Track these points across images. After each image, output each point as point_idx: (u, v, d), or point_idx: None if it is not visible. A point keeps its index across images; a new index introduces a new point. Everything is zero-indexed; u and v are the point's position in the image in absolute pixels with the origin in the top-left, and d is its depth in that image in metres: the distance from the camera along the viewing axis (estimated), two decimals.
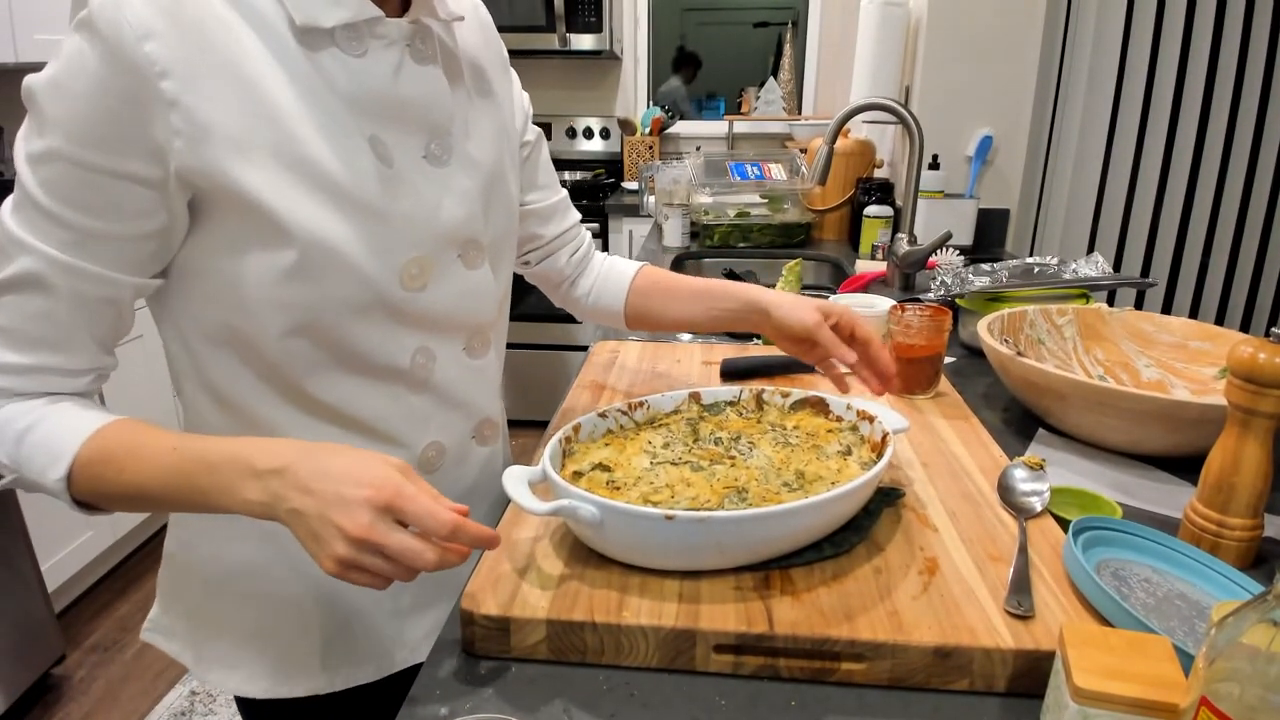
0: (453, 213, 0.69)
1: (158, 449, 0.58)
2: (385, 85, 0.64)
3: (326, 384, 0.67)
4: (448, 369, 0.73)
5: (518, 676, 0.57)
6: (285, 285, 0.61)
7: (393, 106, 0.65)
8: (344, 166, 0.62)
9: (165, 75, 0.54)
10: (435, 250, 0.68)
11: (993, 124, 2.01)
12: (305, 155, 0.60)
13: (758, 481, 0.69)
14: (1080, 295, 1.22)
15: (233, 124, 0.57)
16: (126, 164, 0.56)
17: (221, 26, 0.57)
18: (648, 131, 3.35)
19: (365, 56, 0.62)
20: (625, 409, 0.79)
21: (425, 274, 0.68)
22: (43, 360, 0.60)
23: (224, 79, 0.56)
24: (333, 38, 0.61)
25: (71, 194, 0.56)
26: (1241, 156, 2.00)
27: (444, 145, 0.69)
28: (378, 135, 0.64)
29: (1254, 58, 1.93)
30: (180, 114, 0.55)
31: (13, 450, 0.59)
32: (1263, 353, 0.63)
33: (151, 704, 1.89)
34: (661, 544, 0.61)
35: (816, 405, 0.82)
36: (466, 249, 0.71)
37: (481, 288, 0.74)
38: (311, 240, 0.60)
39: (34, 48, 2.17)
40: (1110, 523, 0.67)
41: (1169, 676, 0.45)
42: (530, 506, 0.60)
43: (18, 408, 0.59)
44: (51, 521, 2.04)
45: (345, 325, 0.65)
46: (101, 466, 0.58)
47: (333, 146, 0.61)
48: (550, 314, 3.05)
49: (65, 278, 0.58)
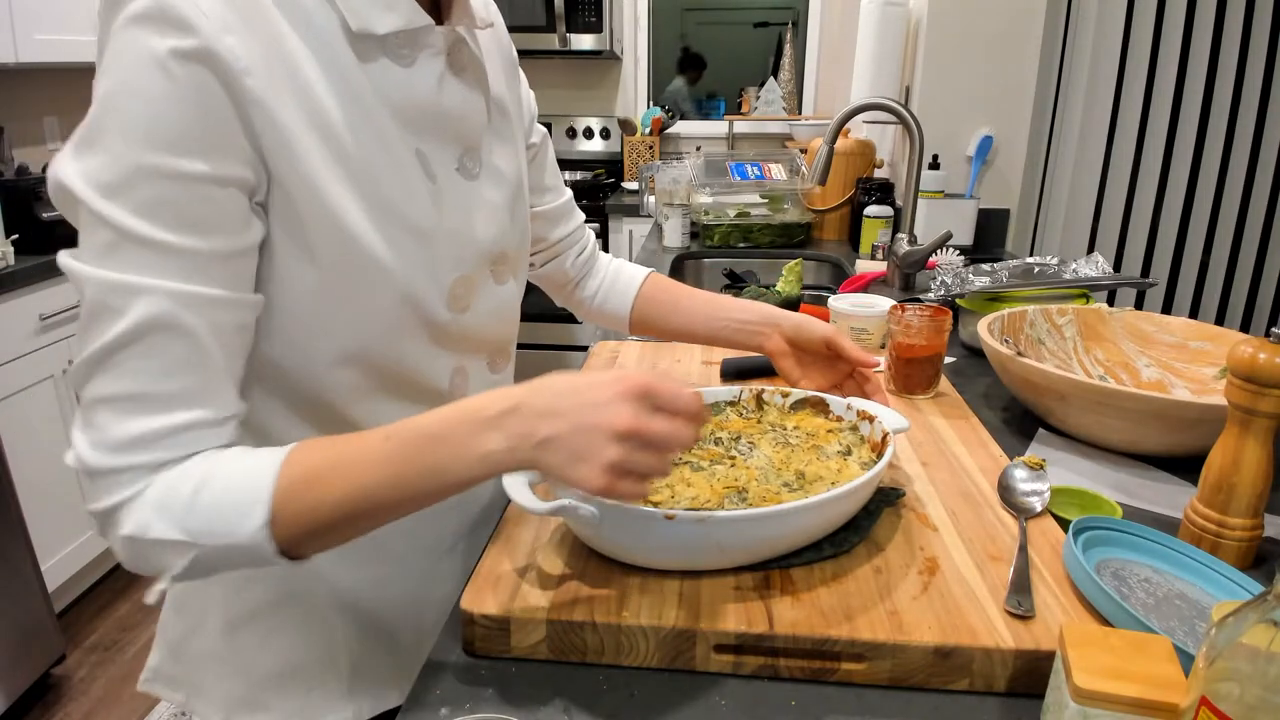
0: (486, 228, 0.67)
1: (367, 447, 0.51)
2: (430, 96, 0.61)
3: (367, 410, 0.63)
4: (476, 387, 0.72)
5: (518, 676, 0.57)
6: (335, 307, 0.57)
7: (434, 118, 0.62)
8: (397, 184, 0.59)
9: (248, 72, 0.49)
10: (474, 267, 0.66)
11: (993, 124, 2.01)
12: (360, 170, 0.56)
13: (758, 482, 0.69)
14: (1080, 295, 1.22)
15: (301, 132, 0.53)
16: (226, 167, 0.49)
17: (279, 29, 0.52)
18: (648, 131, 3.36)
19: (413, 66, 0.59)
20: None
21: (470, 294, 0.66)
22: (188, 418, 0.50)
23: (289, 85, 0.52)
24: (384, 46, 0.58)
25: (174, 213, 0.48)
26: (1241, 156, 2.00)
27: (474, 158, 0.67)
28: (421, 149, 0.61)
29: (1254, 58, 1.93)
30: (263, 114, 0.50)
31: (183, 519, 0.49)
32: (1263, 353, 0.63)
33: (151, 704, 1.89)
34: (661, 544, 0.61)
35: (816, 405, 0.82)
36: (497, 264, 0.69)
37: (510, 303, 0.72)
38: (368, 258, 0.57)
39: (34, 48, 2.17)
40: (1110, 523, 0.67)
41: (1169, 676, 0.45)
42: (530, 506, 0.60)
43: (172, 475, 0.50)
44: (51, 521, 2.04)
45: (394, 351, 0.62)
46: (308, 490, 0.50)
47: (385, 162, 0.58)
48: (550, 314, 3.05)
49: (196, 312, 0.49)
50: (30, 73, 2.50)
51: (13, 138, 2.49)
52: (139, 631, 2.16)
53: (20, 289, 1.96)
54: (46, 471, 2.03)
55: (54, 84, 2.63)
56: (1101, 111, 2.00)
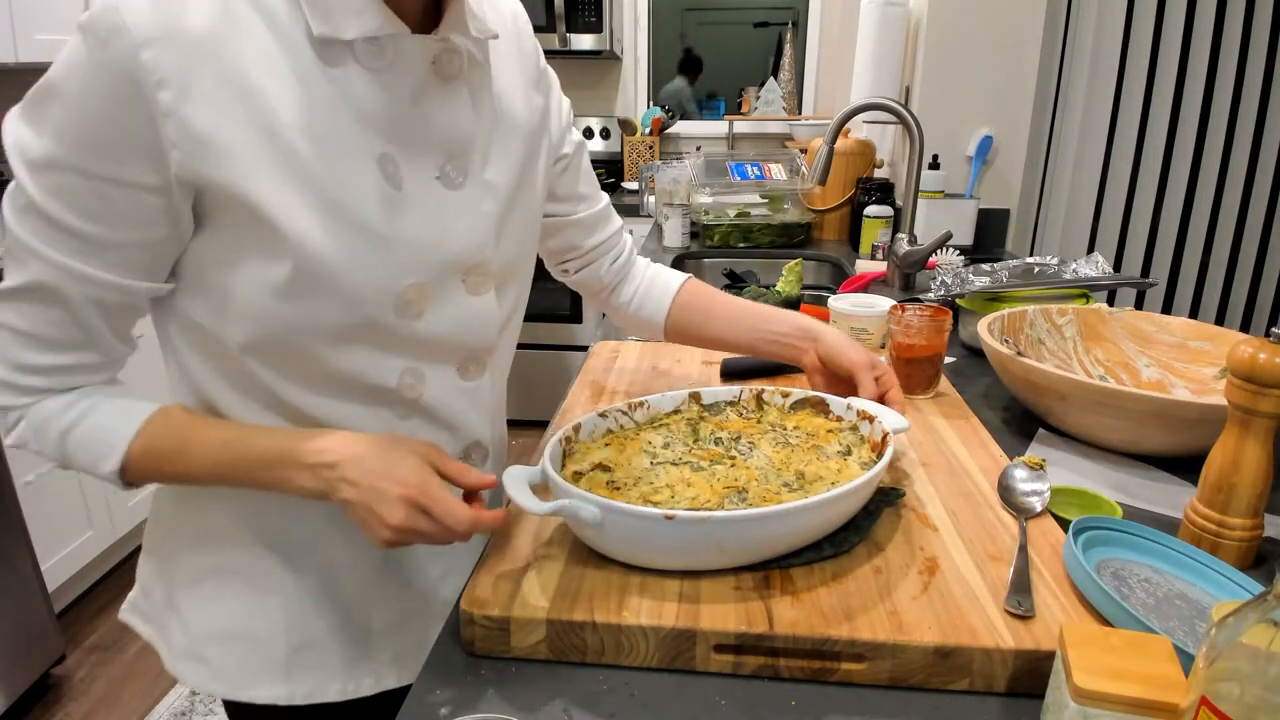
0: (462, 239, 0.66)
1: (208, 445, 0.62)
2: (403, 103, 0.62)
3: (313, 397, 0.66)
4: (437, 390, 0.71)
5: (518, 676, 0.57)
6: (275, 301, 0.60)
7: (409, 125, 0.62)
8: (346, 185, 0.60)
9: (162, 85, 0.52)
10: (437, 276, 0.66)
11: (993, 124, 2.01)
12: (306, 170, 0.58)
13: (758, 482, 0.69)
14: (1080, 295, 1.22)
15: (233, 136, 0.55)
16: (127, 171, 0.55)
17: (233, 35, 0.55)
18: (648, 131, 3.36)
19: (385, 72, 0.60)
20: (625, 409, 0.79)
21: (423, 300, 0.65)
22: (69, 360, 0.61)
23: (227, 90, 0.55)
24: (352, 51, 0.59)
25: (76, 202, 0.55)
26: (1241, 156, 2.00)
27: (459, 168, 0.66)
28: (389, 154, 0.62)
29: (1254, 58, 1.93)
30: (175, 124, 0.53)
31: (58, 447, 0.62)
32: (1263, 353, 0.63)
33: (151, 704, 1.89)
34: (661, 544, 0.61)
35: (817, 405, 0.82)
36: (470, 274, 0.68)
37: (483, 314, 0.70)
38: (306, 255, 0.58)
39: (34, 48, 2.17)
40: (1110, 523, 0.67)
41: (1169, 676, 0.45)
42: (530, 507, 0.60)
43: (53, 405, 0.62)
44: (51, 521, 2.04)
45: (322, 348, 0.63)
46: (152, 461, 0.62)
47: (336, 163, 0.59)
48: (550, 314, 3.05)
49: (80, 286, 0.58)
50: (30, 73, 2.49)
51: None
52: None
53: None
54: (46, 471, 2.03)
55: None
56: (1101, 111, 2.00)
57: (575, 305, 3.05)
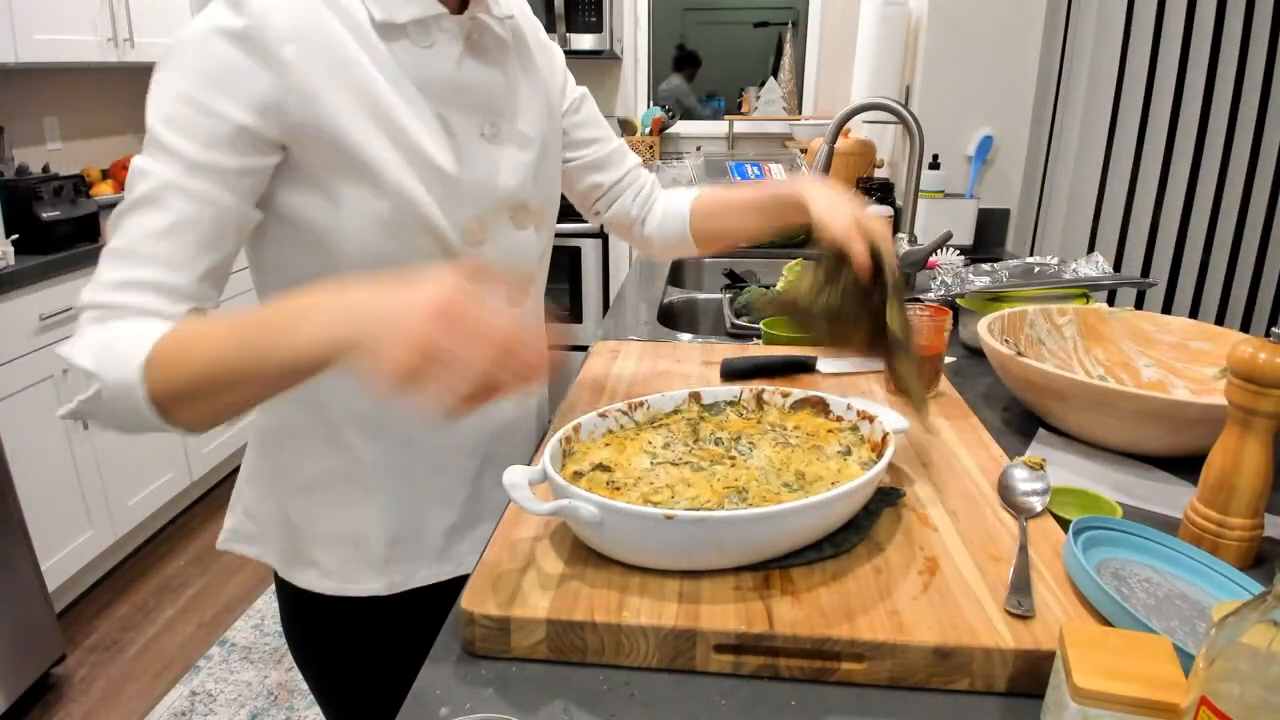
0: (508, 180, 0.79)
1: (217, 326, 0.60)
2: (449, 72, 0.74)
3: None
4: None
5: (518, 676, 0.57)
6: (378, 234, 0.71)
7: (455, 91, 0.74)
8: (424, 134, 0.72)
9: (288, 42, 0.65)
10: (492, 210, 0.78)
11: (993, 124, 2.01)
12: (394, 122, 0.70)
13: (758, 482, 0.69)
14: (1080, 295, 1.22)
15: (338, 89, 0.68)
16: (237, 111, 0.64)
17: (327, 16, 0.68)
18: (648, 131, 3.36)
19: (432, 48, 0.73)
20: (625, 409, 0.79)
21: (484, 230, 0.78)
22: (148, 275, 0.63)
23: (334, 53, 0.68)
24: (405, 31, 0.71)
25: (188, 130, 0.64)
26: (1241, 156, 2.00)
27: (497, 126, 0.78)
28: (443, 114, 0.74)
29: (1254, 58, 1.93)
30: (298, 74, 0.66)
31: (103, 353, 0.60)
32: (1263, 353, 0.63)
33: (151, 704, 1.89)
34: (661, 544, 0.61)
35: (817, 405, 0.82)
36: (517, 212, 0.81)
37: (526, 245, 0.83)
38: (399, 193, 0.70)
39: (34, 48, 2.17)
40: (1110, 523, 0.67)
41: (1169, 676, 0.45)
42: (531, 507, 0.60)
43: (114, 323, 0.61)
44: (51, 521, 2.04)
45: None
46: (173, 356, 0.59)
47: (408, 118, 0.71)
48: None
49: (179, 198, 0.64)
50: (30, 73, 2.50)
51: (13, 138, 2.49)
52: (139, 631, 2.16)
53: (20, 289, 1.96)
54: (46, 471, 2.03)
55: (54, 84, 2.63)
56: (1101, 111, 2.00)
57: (575, 305, 3.05)
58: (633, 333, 1.38)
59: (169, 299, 0.63)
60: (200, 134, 0.64)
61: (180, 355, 0.59)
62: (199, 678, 1.97)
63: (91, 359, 0.60)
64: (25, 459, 1.90)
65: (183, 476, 2.58)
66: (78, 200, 2.24)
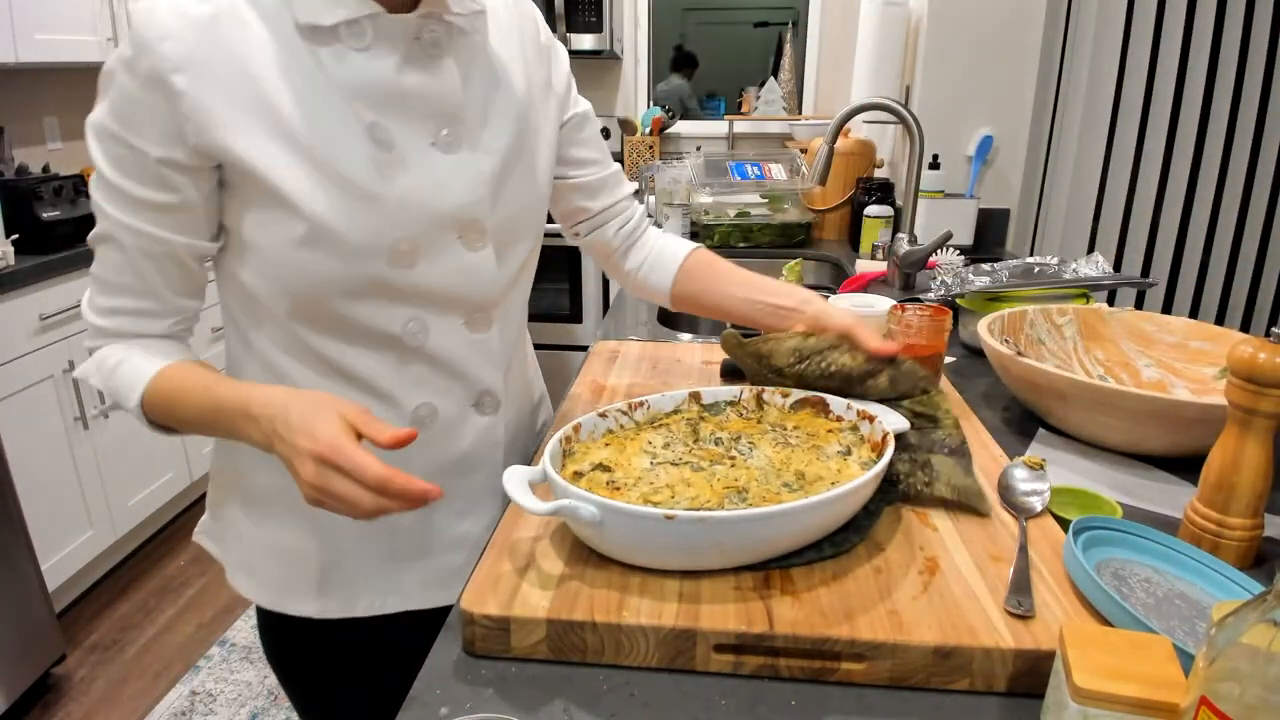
0: (457, 198, 0.73)
1: (194, 390, 0.69)
2: (387, 77, 0.68)
3: (327, 343, 0.74)
4: (444, 339, 0.77)
5: (518, 676, 0.57)
6: (295, 254, 0.68)
7: (396, 96, 0.69)
8: (336, 151, 0.67)
9: (178, 70, 0.63)
10: (430, 231, 0.72)
11: (993, 124, 2.01)
12: (299, 140, 0.66)
13: (758, 482, 0.69)
14: (1080, 295, 1.22)
15: (237, 111, 0.65)
16: (148, 144, 0.65)
17: (236, 27, 0.65)
18: (648, 131, 3.35)
19: (368, 50, 0.68)
20: (625, 409, 0.79)
21: (415, 253, 0.72)
22: (125, 303, 0.72)
23: (230, 73, 0.64)
24: (336, 34, 0.66)
25: (120, 166, 0.66)
26: (1241, 156, 2.00)
27: (454, 133, 0.73)
28: (379, 122, 0.69)
29: (1254, 58, 1.93)
30: (190, 102, 0.63)
31: (107, 380, 0.72)
32: (1263, 353, 0.63)
33: (151, 704, 1.89)
34: (662, 544, 0.61)
35: (817, 405, 0.82)
36: (467, 231, 0.75)
37: (481, 268, 0.77)
38: (313, 216, 0.67)
39: (34, 48, 2.17)
40: (1110, 523, 0.67)
41: (1169, 676, 0.45)
42: (531, 506, 0.60)
43: (114, 348, 0.72)
44: (51, 521, 2.04)
45: (338, 299, 0.71)
46: (160, 403, 0.70)
47: (326, 132, 0.67)
48: (550, 314, 3.05)
49: (130, 237, 0.68)
50: (30, 73, 2.50)
51: (13, 138, 2.49)
52: (139, 631, 2.16)
53: (20, 289, 1.96)
54: (46, 471, 2.03)
55: (54, 84, 2.63)
56: (1101, 111, 2.00)
57: (575, 305, 3.05)
58: (633, 333, 1.38)
59: (152, 320, 0.73)
60: (132, 170, 0.66)
61: (167, 406, 0.70)
62: (199, 678, 1.97)
63: (102, 383, 0.72)
64: (25, 459, 1.90)
65: (183, 476, 2.58)
66: (78, 200, 2.24)
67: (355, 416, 0.62)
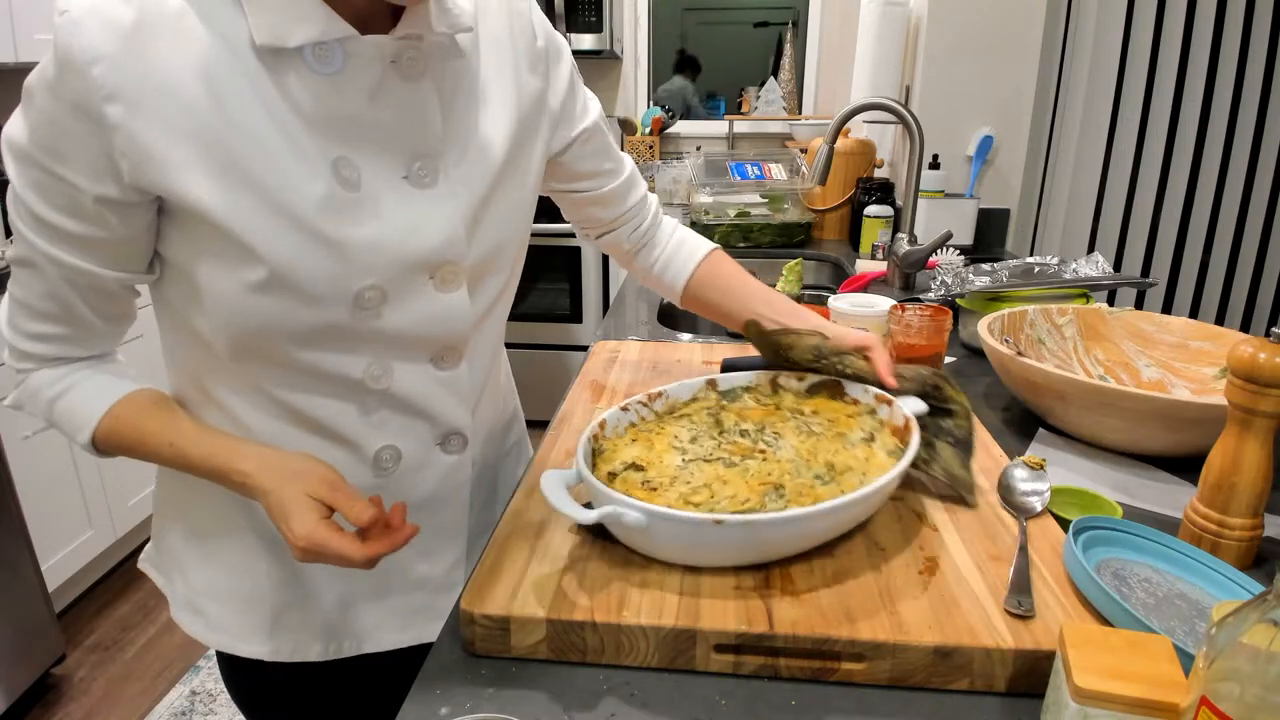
0: (431, 237, 0.65)
1: (158, 444, 0.67)
2: (358, 106, 0.60)
3: (282, 384, 0.68)
4: (408, 380, 0.71)
5: (518, 676, 0.57)
6: (241, 298, 0.61)
7: (367, 128, 0.61)
8: (293, 190, 0.59)
9: (111, 99, 0.54)
10: (399, 275, 0.65)
11: (993, 124, 2.00)
12: (251, 178, 0.58)
13: (790, 476, 0.69)
14: (1080, 295, 1.22)
15: (181, 147, 0.56)
16: (76, 176, 0.57)
17: (180, 44, 0.55)
18: (648, 131, 3.36)
19: (338, 75, 0.59)
20: (645, 400, 0.79)
21: (383, 300, 0.65)
22: (51, 330, 0.66)
23: (171, 103, 0.55)
24: (301, 57, 0.58)
25: (44, 195, 0.59)
26: (1241, 156, 2.00)
27: (429, 167, 0.65)
28: (347, 157, 0.61)
29: (1254, 58, 1.93)
30: (124, 137, 0.55)
31: (47, 413, 0.69)
32: (1263, 353, 0.63)
33: (151, 704, 1.89)
34: (709, 546, 0.61)
35: (832, 388, 0.82)
36: (439, 271, 0.67)
37: (453, 309, 0.69)
38: (272, 259, 0.59)
39: (34, 48, 2.17)
40: (1110, 522, 0.67)
41: (1169, 676, 0.45)
42: (576, 515, 0.59)
43: (45, 376, 0.68)
44: (51, 521, 2.04)
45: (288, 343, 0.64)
46: (115, 441, 0.68)
47: (283, 168, 0.59)
48: (550, 314, 3.05)
49: (52, 266, 0.62)
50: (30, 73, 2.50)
51: None
52: (139, 631, 2.16)
53: None
54: (46, 471, 2.03)
55: None
56: (1101, 111, 2.00)
57: (575, 305, 3.05)
58: (633, 333, 1.38)
59: (80, 345, 0.69)
60: (56, 200, 0.58)
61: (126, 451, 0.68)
62: (199, 678, 1.97)
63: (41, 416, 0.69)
64: (25, 459, 1.90)
65: None
66: None
67: (328, 496, 0.61)
